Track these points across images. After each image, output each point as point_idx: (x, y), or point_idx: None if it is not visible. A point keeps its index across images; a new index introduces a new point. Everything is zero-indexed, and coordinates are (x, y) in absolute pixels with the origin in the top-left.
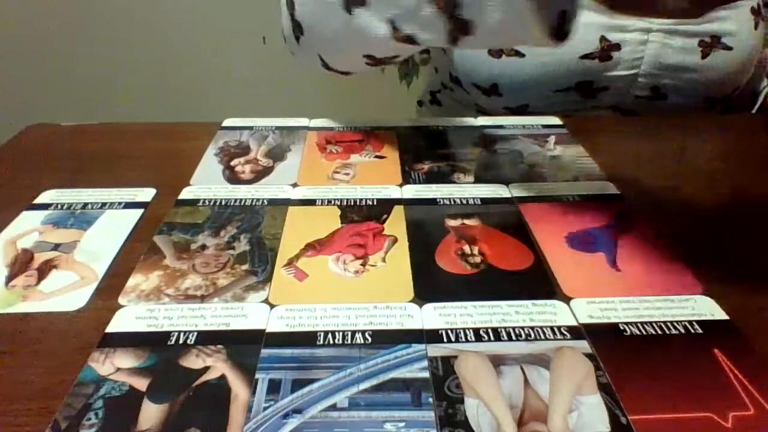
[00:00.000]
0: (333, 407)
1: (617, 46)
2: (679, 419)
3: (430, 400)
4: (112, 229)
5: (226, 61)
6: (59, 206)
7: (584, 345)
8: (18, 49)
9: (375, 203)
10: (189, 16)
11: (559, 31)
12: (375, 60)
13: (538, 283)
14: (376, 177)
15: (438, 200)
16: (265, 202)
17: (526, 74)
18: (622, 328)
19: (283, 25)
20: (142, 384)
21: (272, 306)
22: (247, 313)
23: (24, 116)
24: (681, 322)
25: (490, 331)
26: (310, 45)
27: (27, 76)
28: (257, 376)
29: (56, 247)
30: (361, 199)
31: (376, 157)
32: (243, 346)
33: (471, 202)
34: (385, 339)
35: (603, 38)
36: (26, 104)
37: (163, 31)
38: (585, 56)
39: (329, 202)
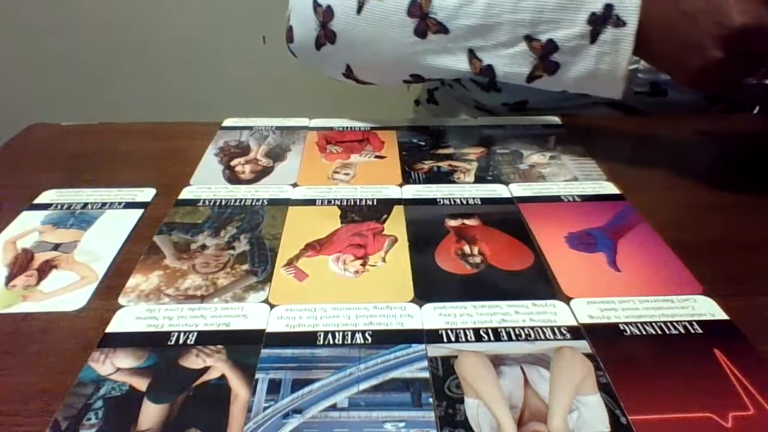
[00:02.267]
0: (333, 407)
1: None
2: (679, 419)
3: (430, 400)
4: (112, 229)
5: (226, 61)
6: (59, 206)
7: (584, 345)
8: (18, 48)
9: (375, 203)
10: (189, 16)
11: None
12: (419, 79)
13: (538, 283)
14: (376, 177)
15: (438, 200)
16: (265, 202)
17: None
18: (622, 328)
19: (297, 30)
20: (142, 384)
21: (272, 306)
22: (247, 313)
23: (24, 116)
24: (681, 322)
25: (490, 331)
26: (340, 55)
27: (27, 76)
28: (257, 376)
29: (56, 247)
30: (361, 199)
31: (376, 157)
32: (243, 346)
33: (471, 202)
34: (385, 339)
35: None
36: (26, 104)
37: (163, 31)
38: None
39: (329, 202)
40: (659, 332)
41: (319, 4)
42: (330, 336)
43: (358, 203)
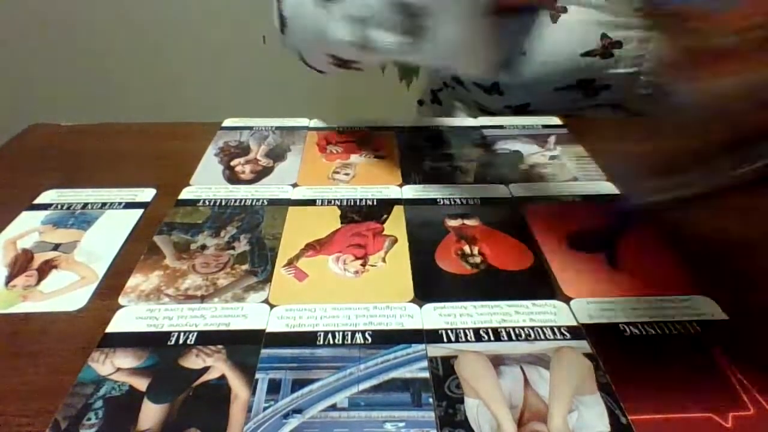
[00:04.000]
0: (333, 407)
1: (619, 44)
2: (679, 419)
3: (430, 400)
4: (112, 229)
5: (226, 61)
6: (59, 206)
7: (584, 345)
8: (18, 48)
9: (375, 203)
10: (189, 16)
11: (502, 69)
12: (339, 61)
13: (538, 283)
14: (376, 177)
15: (438, 200)
16: (265, 202)
17: (526, 72)
18: (622, 328)
19: (273, 18)
20: (142, 384)
21: (272, 306)
22: (247, 313)
23: (24, 116)
24: (681, 322)
25: (490, 331)
26: (291, 39)
27: (27, 76)
28: (257, 376)
29: (56, 247)
30: (361, 199)
31: (376, 157)
32: (243, 346)
33: (471, 202)
34: (385, 339)
35: (604, 36)
36: (26, 104)
37: (163, 31)
38: (586, 54)
39: (329, 202)
40: (659, 332)
41: None
42: (330, 336)
43: (358, 203)
